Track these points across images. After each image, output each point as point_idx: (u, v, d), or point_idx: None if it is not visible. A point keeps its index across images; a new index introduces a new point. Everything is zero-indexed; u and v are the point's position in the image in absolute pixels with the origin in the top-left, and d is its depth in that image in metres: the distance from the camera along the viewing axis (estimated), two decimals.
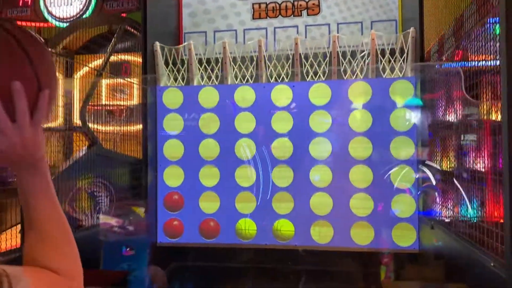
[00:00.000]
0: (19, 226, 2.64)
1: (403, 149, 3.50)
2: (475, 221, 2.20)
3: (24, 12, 5.75)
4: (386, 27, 4.27)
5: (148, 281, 3.85)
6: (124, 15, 5.18)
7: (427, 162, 3.38)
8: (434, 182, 3.27)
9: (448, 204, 2.81)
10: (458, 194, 2.55)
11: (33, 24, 5.71)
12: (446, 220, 2.78)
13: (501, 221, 1.71)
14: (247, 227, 3.76)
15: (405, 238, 3.48)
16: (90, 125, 3.44)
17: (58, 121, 3.18)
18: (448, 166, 3.04)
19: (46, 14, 5.53)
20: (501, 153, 1.77)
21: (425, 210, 3.38)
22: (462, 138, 2.75)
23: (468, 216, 2.34)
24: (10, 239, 2.51)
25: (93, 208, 3.17)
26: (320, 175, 3.62)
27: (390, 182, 3.50)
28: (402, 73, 3.54)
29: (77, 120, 3.18)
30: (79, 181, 2.91)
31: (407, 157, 3.48)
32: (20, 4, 5.71)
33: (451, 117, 3.03)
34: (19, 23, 5.58)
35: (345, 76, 3.65)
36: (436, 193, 3.18)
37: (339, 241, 3.60)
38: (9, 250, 2.37)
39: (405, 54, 3.49)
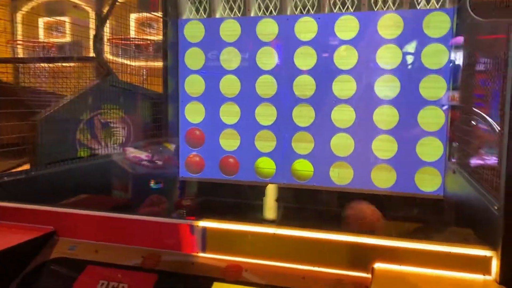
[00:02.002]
0: None
1: (434, 88, 3.24)
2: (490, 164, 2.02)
3: None
4: None
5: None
6: None
7: (458, 104, 3.11)
8: (464, 126, 3.02)
9: (472, 148, 2.59)
10: (483, 138, 2.34)
11: None
12: (469, 165, 2.58)
13: None
14: (266, 165, 3.72)
15: (429, 182, 3.31)
16: (111, 57, 3.44)
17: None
18: (479, 111, 2.79)
19: None
20: None
21: (452, 154, 3.17)
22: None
23: (487, 160, 2.15)
24: None
25: (108, 138, 3.23)
26: (342, 115, 3.46)
27: (417, 123, 3.29)
28: (439, 3, 3.20)
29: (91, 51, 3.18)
30: (91, 111, 2.95)
31: (437, 97, 3.23)
32: None
33: (491, 58, 2.73)
34: None
35: (375, 7, 3.36)
36: (464, 137, 2.95)
37: (358, 183, 3.49)
38: None
39: None
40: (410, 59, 3.29)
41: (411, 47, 3.27)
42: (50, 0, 4.42)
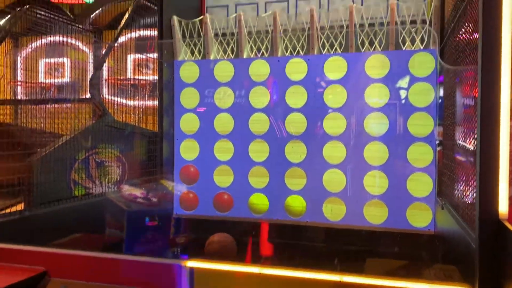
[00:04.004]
0: None
1: (421, 126, 3.32)
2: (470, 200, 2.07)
3: None
4: None
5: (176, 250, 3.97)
6: None
7: (445, 140, 3.19)
8: (451, 161, 3.09)
9: (458, 184, 2.65)
10: (465, 173, 2.40)
11: (65, 0, 5.92)
12: (454, 200, 2.63)
13: None
14: (260, 201, 3.76)
15: (420, 218, 3.34)
16: (108, 97, 3.54)
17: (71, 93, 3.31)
18: (466, 145, 2.86)
19: None
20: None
21: (440, 190, 3.22)
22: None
23: (467, 195, 2.20)
24: None
25: (103, 177, 3.28)
26: (333, 151, 3.53)
27: (407, 160, 3.36)
28: (423, 45, 3.34)
29: (88, 92, 3.28)
30: (87, 150, 3.02)
31: (425, 134, 3.31)
32: None
33: (473, 94, 2.83)
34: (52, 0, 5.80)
35: (362, 48, 3.50)
36: (451, 172, 3.01)
37: (351, 219, 3.51)
38: None
39: (426, 25, 3.28)
40: (397, 97, 3.39)
41: (398, 86, 3.38)
42: (51, 41, 4.59)
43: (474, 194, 2.05)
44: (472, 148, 2.67)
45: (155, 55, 4.04)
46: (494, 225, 1.69)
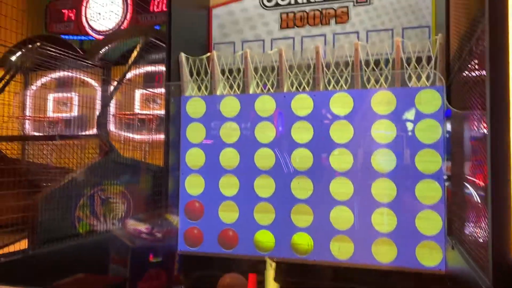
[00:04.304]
0: None
1: (429, 162, 3.29)
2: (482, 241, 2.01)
3: (69, 26, 6.13)
4: (417, 34, 4.09)
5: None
6: (157, 27, 5.35)
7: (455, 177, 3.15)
8: (461, 199, 3.03)
9: (469, 223, 2.59)
10: (475, 212, 2.34)
11: (76, 37, 6.08)
12: (464, 240, 2.56)
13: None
14: (265, 239, 3.69)
15: (430, 257, 3.25)
16: (115, 132, 3.55)
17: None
18: (476, 183, 2.82)
19: (87, 28, 5.86)
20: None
21: (450, 229, 3.15)
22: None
23: (479, 235, 2.15)
24: None
25: (108, 213, 3.25)
26: (340, 188, 3.49)
27: (415, 197, 3.30)
28: (429, 82, 3.35)
29: (95, 128, 3.31)
30: (92, 187, 3.00)
31: (433, 171, 3.27)
32: (65, 19, 6.10)
33: (481, 130, 2.81)
34: (64, 36, 5.96)
35: (368, 85, 3.52)
36: (460, 210, 2.95)
37: (360, 257, 3.43)
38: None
39: (432, 62, 3.30)
40: (404, 133, 3.37)
41: (404, 122, 3.37)
42: (60, 77, 4.67)
43: (486, 235, 2.00)
44: (482, 185, 2.62)
45: (163, 90, 4.08)
46: (508, 269, 1.63)
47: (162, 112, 4.53)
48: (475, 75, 2.40)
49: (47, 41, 4.34)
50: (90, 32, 5.91)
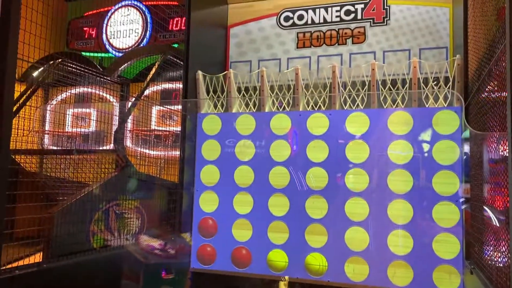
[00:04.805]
0: None
1: (447, 184, 3.24)
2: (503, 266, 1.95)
3: (89, 44, 6.29)
4: (435, 55, 4.09)
5: None
6: (175, 45, 5.44)
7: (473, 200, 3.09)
8: (480, 222, 2.97)
9: (488, 247, 2.52)
10: (495, 236, 2.29)
11: (96, 54, 6.22)
12: (484, 265, 2.50)
13: None
14: (279, 258, 3.65)
15: (448, 282, 3.17)
16: (132, 147, 3.59)
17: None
18: (496, 206, 2.76)
19: (107, 46, 6.00)
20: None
21: (468, 253, 3.07)
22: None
23: (499, 260, 2.09)
24: None
25: (122, 228, 3.26)
26: (356, 208, 3.45)
27: (432, 219, 3.24)
28: (447, 102, 3.32)
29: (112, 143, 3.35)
30: (108, 201, 3.03)
31: (451, 193, 3.21)
32: (86, 37, 6.26)
33: (501, 152, 2.77)
34: (84, 53, 6.11)
35: (385, 105, 3.50)
36: (479, 234, 2.88)
37: (375, 280, 3.36)
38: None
39: (449, 84, 3.28)
40: (421, 154, 3.34)
41: (421, 143, 3.34)
42: (79, 93, 4.77)
43: (507, 259, 1.94)
44: (502, 208, 2.56)
45: (179, 107, 4.12)
46: None
47: (178, 128, 4.58)
48: (494, 96, 2.37)
49: (68, 57, 4.44)
50: (109, 49, 6.05)
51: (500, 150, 2.48)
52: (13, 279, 2.27)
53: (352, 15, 4.41)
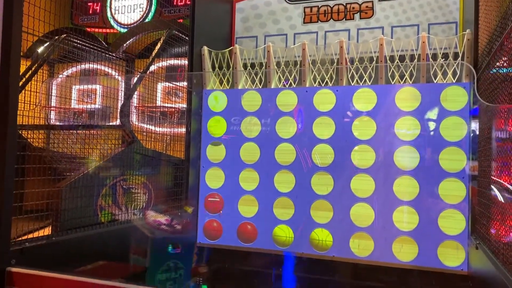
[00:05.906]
0: None
1: (454, 161, 3.22)
2: None
3: (93, 19, 6.23)
4: (444, 30, 4.01)
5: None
6: (181, 20, 5.37)
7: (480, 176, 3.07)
8: (483, 199, 2.96)
9: (495, 223, 2.52)
10: (502, 212, 2.28)
11: (101, 30, 6.16)
12: (490, 240, 2.50)
13: None
14: (284, 233, 3.68)
15: (452, 257, 3.19)
16: (138, 123, 3.59)
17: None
18: (497, 184, 2.74)
19: (112, 21, 5.93)
20: None
21: (474, 229, 3.08)
22: None
23: (506, 235, 2.09)
24: None
25: (129, 203, 3.30)
26: (361, 185, 3.45)
27: (438, 196, 3.24)
28: (455, 78, 3.27)
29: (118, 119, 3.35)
30: (114, 177, 3.05)
31: (457, 169, 3.20)
32: (90, 12, 6.19)
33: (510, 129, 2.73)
34: (88, 29, 6.06)
35: (392, 81, 3.46)
36: (486, 210, 2.88)
37: (379, 255, 3.39)
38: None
39: (459, 58, 3.22)
40: (428, 131, 3.31)
41: (429, 119, 3.31)
42: (85, 68, 4.75)
43: None
44: (509, 185, 2.55)
45: (185, 83, 4.10)
46: None
47: (184, 105, 4.57)
48: (505, 71, 2.33)
49: (73, 33, 4.41)
50: (114, 25, 5.99)
51: (509, 128, 2.45)
52: (22, 251, 2.31)
53: None
